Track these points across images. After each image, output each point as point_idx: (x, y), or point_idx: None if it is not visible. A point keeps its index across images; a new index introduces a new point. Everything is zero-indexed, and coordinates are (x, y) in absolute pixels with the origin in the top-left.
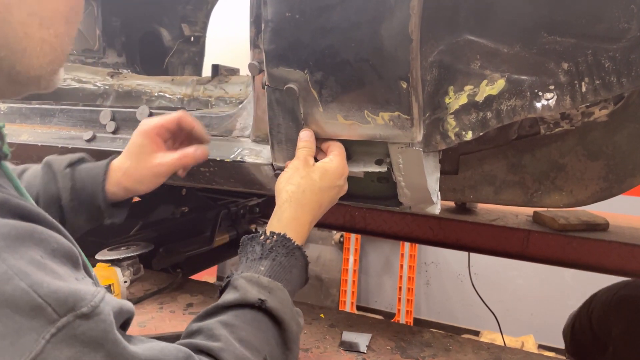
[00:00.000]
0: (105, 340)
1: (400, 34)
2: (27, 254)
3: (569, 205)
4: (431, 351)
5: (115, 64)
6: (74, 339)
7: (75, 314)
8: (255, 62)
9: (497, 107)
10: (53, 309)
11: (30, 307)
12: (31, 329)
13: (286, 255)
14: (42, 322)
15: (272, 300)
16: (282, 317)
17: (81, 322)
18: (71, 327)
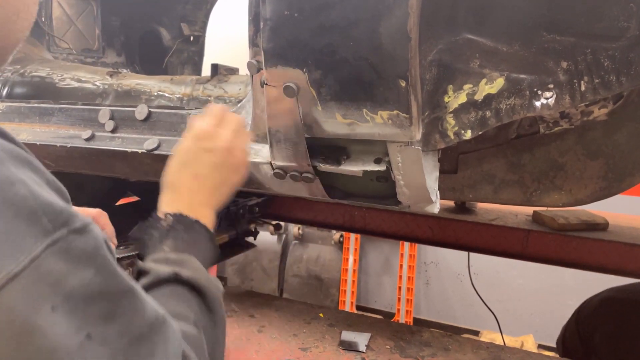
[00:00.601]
0: (96, 256)
1: (399, 33)
2: (27, 173)
3: (568, 205)
4: (430, 350)
5: (114, 64)
6: (68, 253)
7: (68, 229)
8: (254, 60)
9: (497, 106)
10: (48, 220)
11: (29, 212)
12: (30, 234)
13: (186, 231)
14: (40, 230)
15: (185, 270)
16: (199, 284)
17: (74, 237)
18: (65, 241)
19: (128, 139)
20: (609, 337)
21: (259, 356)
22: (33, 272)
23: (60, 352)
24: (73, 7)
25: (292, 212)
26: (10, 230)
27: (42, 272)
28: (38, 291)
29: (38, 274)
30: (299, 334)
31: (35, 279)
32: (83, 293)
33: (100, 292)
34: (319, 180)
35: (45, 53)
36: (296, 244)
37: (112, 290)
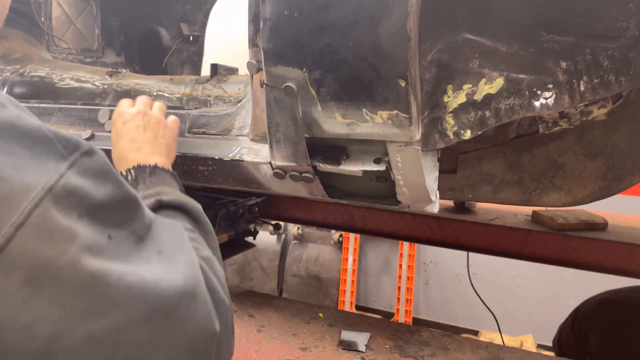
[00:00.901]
0: (111, 171)
1: (399, 33)
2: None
3: (567, 204)
4: (430, 350)
5: (114, 63)
6: (86, 172)
7: (80, 152)
8: (253, 60)
9: (496, 106)
10: (62, 146)
11: (45, 140)
12: (50, 158)
13: (150, 175)
14: (57, 155)
15: (164, 195)
16: (181, 202)
17: (87, 159)
18: (81, 162)
19: None
20: (603, 339)
21: (258, 356)
22: (64, 186)
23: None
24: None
25: (292, 212)
26: (34, 155)
27: (71, 187)
28: (69, 202)
29: (68, 188)
30: (299, 334)
31: (67, 192)
32: (103, 204)
33: (116, 201)
34: (318, 180)
35: (45, 53)
36: (295, 243)
37: (125, 200)
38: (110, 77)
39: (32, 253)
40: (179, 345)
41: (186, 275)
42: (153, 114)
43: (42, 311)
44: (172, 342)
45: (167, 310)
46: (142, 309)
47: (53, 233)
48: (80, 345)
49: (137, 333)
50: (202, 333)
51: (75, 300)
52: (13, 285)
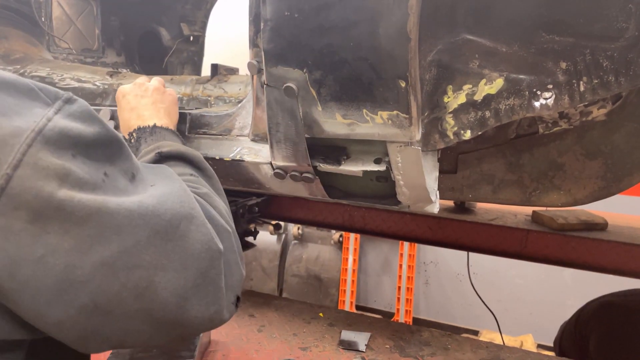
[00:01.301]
0: (94, 115)
1: (399, 33)
2: None
3: (567, 205)
4: (430, 350)
5: (114, 64)
6: (72, 116)
7: (62, 99)
8: (254, 61)
9: (496, 107)
10: (45, 95)
11: (28, 89)
12: (36, 105)
13: (151, 134)
14: (42, 103)
15: (165, 148)
16: (180, 152)
17: (70, 105)
18: (65, 108)
19: None
20: (603, 342)
21: (259, 355)
22: (54, 128)
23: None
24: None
25: (292, 212)
26: (20, 102)
27: (61, 128)
28: (60, 142)
29: (58, 129)
30: (299, 334)
31: (58, 133)
32: (93, 143)
33: (106, 140)
34: (319, 180)
35: (45, 53)
36: (296, 243)
37: (113, 139)
38: (110, 78)
39: (31, 191)
40: (186, 265)
41: (182, 201)
42: (151, 83)
43: (53, 243)
44: (179, 263)
45: (168, 231)
46: (145, 231)
47: (47, 172)
48: (95, 272)
49: (145, 255)
50: (206, 251)
51: (81, 230)
52: (20, 222)
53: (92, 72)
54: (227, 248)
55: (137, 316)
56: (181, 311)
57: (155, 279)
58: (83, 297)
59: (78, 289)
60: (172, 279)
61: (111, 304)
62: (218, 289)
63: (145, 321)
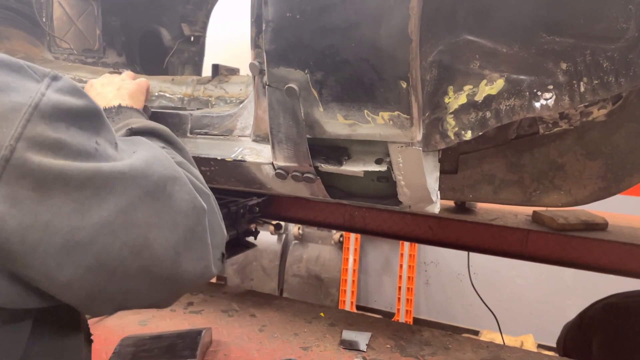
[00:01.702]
0: (79, 90)
1: (400, 35)
2: None
3: (567, 205)
4: (430, 350)
5: (115, 64)
6: (61, 91)
7: (49, 77)
8: (256, 62)
9: (496, 107)
10: (34, 72)
11: (19, 67)
12: (28, 81)
13: (117, 114)
14: (32, 79)
15: (133, 124)
16: (150, 127)
17: (56, 82)
18: (54, 85)
19: None
20: (606, 344)
21: (260, 355)
22: (48, 102)
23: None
24: (74, 7)
25: (292, 212)
26: (15, 79)
27: (55, 102)
28: (55, 116)
29: (52, 103)
30: (300, 333)
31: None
32: (83, 114)
33: (93, 112)
34: (320, 180)
35: (46, 53)
36: (296, 243)
37: (96, 112)
38: None
39: (34, 160)
40: (176, 222)
41: (164, 165)
42: (118, 75)
43: (56, 208)
44: (169, 220)
45: (156, 191)
46: (137, 191)
47: (47, 142)
48: (97, 232)
49: (139, 213)
50: (192, 209)
51: (80, 193)
52: (24, 190)
53: (93, 73)
54: (209, 209)
55: (137, 274)
56: (175, 266)
57: (150, 236)
58: (89, 257)
59: (84, 250)
60: (165, 235)
61: (114, 263)
62: (205, 245)
63: (144, 279)
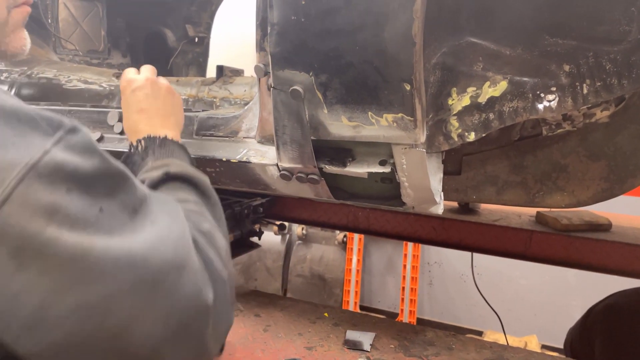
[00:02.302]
0: (95, 148)
1: (404, 37)
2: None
3: (570, 206)
4: (434, 350)
5: (120, 65)
6: (73, 148)
7: (64, 130)
8: (261, 64)
9: (500, 109)
10: (47, 124)
11: (29, 118)
12: (35, 135)
13: (160, 147)
14: (42, 133)
15: (173, 167)
16: (189, 175)
17: (71, 136)
18: (66, 139)
19: None
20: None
21: (264, 355)
22: (49, 162)
23: (82, 223)
24: (79, 8)
25: (296, 213)
26: (19, 133)
27: (57, 163)
28: (54, 177)
29: (54, 164)
30: (304, 333)
31: (52, 168)
32: (91, 176)
33: (105, 174)
34: (324, 181)
35: (52, 54)
36: (300, 244)
37: (113, 172)
38: (116, 79)
39: (16, 227)
40: (169, 316)
41: (177, 247)
42: (161, 81)
43: (30, 282)
44: (161, 313)
45: (154, 281)
46: (129, 280)
47: (36, 208)
48: (70, 312)
49: (126, 302)
50: (193, 306)
51: (62, 273)
52: (2, 254)
53: (98, 74)
54: (219, 297)
55: (110, 352)
56: (156, 356)
57: (133, 326)
58: (55, 335)
59: (50, 327)
60: (151, 329)
61: (84, 343)
62: (200, 341)
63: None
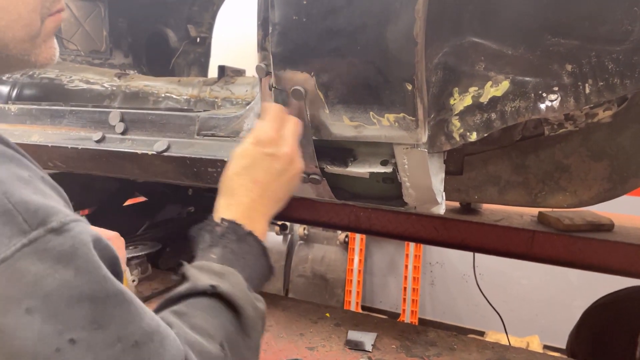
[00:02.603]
0: (76, 256)
1: (406, 37)
2: (12, 170)
3: (572, 206)
4: (436, 350)
5: (121, 65)
6: (46, 253)
7: (46, 228)
8: (262, 64)
9: (502, 109)
10: (24, 219)
11: (2, 211)
12: (2, 234)
13: (237, 242)
14: (14, 230)
15: (224, 285)
16: (236, 302)
17: (52, 237)
18: (42, 241)
19: (138, 140)
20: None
21: (266, 355)
22: (3, 272)
23: (32, 357)
24: (81, 9)
25: (298, 213)
26: None
27: (14, 273)
28: (8, 292)
29: (9, 274)
30: (306, 334)
31: (7, 280)
32: (64, 295)
33: (82, 294)
34: (326, 181)
35: None
36: (301, 244)
37: (96, 293)
38: (118, 79)
39: None
40: None
41: None
42: (298, 162)
43: None
44: None
45: None
46: None
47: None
48: None
49: None
50: None
51: None
52: None
53: (100, 74)
54: None
55: None
56: None
57: None
58: None
59: None
60: None
61: None
62: None
63: None
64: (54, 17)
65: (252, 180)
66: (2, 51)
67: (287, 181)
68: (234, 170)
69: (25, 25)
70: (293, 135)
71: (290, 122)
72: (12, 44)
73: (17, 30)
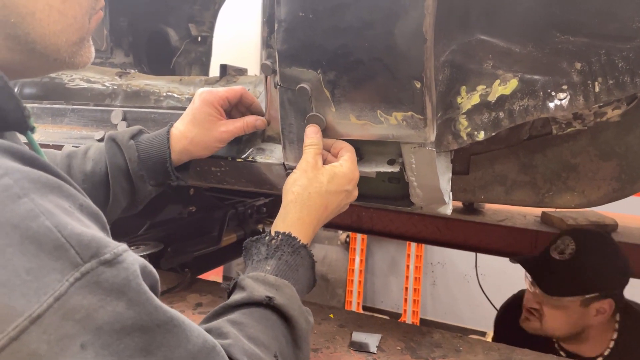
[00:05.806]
0: (128, 288)
1: (415, 34)
2: (55, 200)
3: (580, 206)
4: (441, 352)
5: (122, 64)
6: (97, 286)
7: (98, 260)
8: (268, 62)
9: (510, 107)
10: (76, 252)
11: (54, 246)
12: (55, 269)
13: (292, 254)
14: (66, 264)
15: (280, 297)
16: (290, 314)
17: (104, 269)
18: (94, 273)
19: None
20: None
21: None
22: (58, 310)
23: None
24: None
25: None
26: (33, 268)
27: (69, 309)
28: (64, 330)
29: (64, 311)
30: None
31: (61, 318)
32: (115, 327)
33: (134, 325)
34: None
35: None
36: None
37: (147, 323)
38: (119, 78)
39: None
40: None
41: None
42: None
43: None
44: None
45: None
46: None
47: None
48: None
49: None
50: None
51: None
52: None
53: (101, 73)
54: None
55: None
56: None
57: None
58: None
59: None
60: None
61: None
62: None
63: None
64: (96, 16)
65: (324, 205)
66: (52, 55)
67: (344, 200)
68: (314, 189)
69: (78, 29)
70: (353, 166)
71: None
72: (64, 47)
73: (71, 33)
